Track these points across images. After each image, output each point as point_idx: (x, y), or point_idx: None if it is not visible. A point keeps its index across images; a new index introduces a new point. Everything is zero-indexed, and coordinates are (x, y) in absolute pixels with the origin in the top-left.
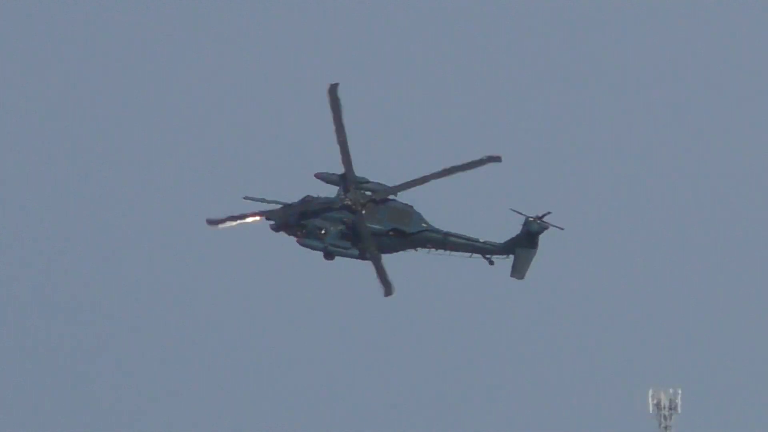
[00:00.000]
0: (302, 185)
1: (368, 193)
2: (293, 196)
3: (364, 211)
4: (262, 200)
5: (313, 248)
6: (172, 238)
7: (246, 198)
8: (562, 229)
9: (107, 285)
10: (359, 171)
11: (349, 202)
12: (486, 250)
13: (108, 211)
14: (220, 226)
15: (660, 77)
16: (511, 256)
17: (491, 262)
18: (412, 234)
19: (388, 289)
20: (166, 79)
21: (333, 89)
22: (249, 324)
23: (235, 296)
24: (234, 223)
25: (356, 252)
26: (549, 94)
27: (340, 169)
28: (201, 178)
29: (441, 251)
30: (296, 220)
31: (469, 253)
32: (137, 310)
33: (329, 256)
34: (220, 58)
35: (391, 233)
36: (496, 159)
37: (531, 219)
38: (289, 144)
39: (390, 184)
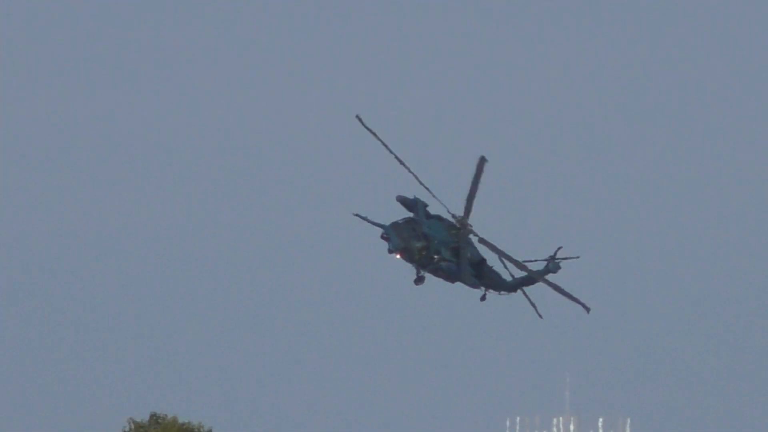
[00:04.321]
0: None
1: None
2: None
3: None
4: (366, 219)
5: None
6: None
7: (355, 215)
8: (578, 257)
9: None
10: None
11: (471, 229)
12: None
13: (225, 239)
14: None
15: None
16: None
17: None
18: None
19: (585, 305)
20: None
21: (359, 119)
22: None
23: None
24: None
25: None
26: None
27: (410, 192)
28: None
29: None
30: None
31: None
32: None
33: (420, 280)
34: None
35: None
36: (485, 160)
37: (555, 261)
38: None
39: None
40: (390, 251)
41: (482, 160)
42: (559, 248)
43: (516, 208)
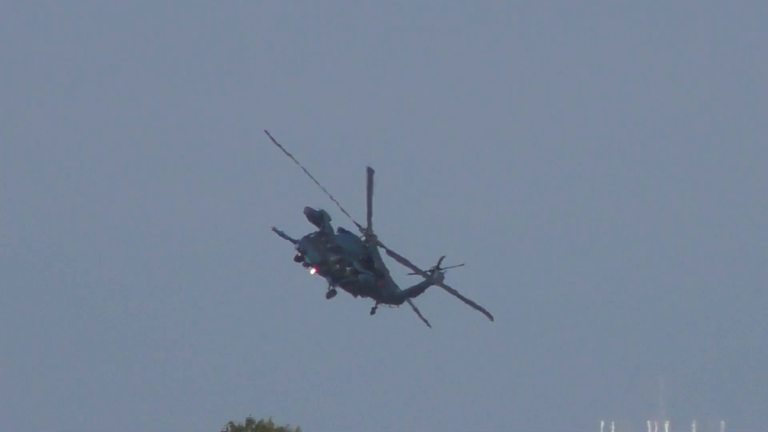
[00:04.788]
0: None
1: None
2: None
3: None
4: (283, 234)
5: (394, 301)
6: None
7: (274, 230)
8: (463, 265)
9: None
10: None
11: (378, 240)
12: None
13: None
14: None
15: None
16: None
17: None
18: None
19: (488, 313)
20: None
21: (267, 134)
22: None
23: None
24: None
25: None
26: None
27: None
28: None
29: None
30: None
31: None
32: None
33: (332, 293)
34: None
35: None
36: (372, 171)
37: (440, 271)
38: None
39: None
40: (306, 265)
41: (370, 172)
42: (443, 257)
43: (421, 216)
